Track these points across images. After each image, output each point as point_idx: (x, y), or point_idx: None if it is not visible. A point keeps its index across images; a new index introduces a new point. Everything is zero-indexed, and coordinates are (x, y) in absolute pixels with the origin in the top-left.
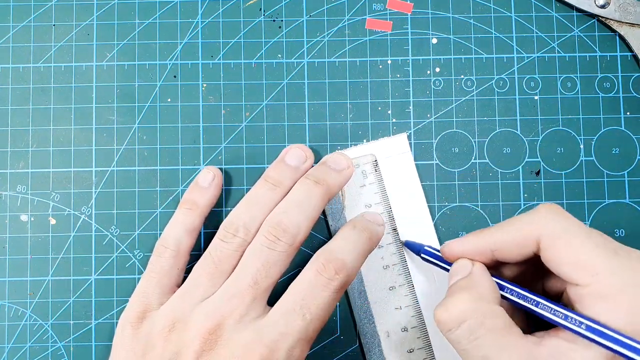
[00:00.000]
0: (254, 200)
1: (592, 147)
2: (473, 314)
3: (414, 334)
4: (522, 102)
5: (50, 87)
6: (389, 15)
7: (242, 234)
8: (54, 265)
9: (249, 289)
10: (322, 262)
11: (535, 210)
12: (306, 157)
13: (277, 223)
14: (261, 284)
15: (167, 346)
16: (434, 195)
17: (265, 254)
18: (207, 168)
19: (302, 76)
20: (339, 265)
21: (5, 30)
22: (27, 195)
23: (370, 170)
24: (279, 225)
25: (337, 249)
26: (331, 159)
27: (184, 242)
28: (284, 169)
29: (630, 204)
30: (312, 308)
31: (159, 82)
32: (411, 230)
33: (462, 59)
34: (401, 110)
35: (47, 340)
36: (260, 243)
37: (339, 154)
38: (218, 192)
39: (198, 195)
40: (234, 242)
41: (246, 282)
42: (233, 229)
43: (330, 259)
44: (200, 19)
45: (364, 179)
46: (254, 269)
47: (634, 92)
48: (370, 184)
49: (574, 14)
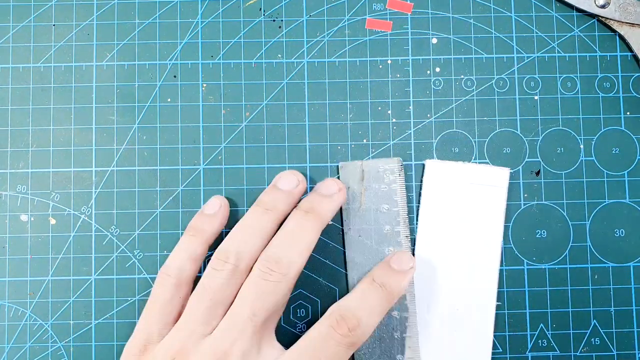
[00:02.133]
0: (246, 226)
1: (592, 147)
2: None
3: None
4: (522, 102)
5: (50, 87)
6: (389, 15)
7: (233, 260)
8: (54, 265)
9: (248, 321)
10: (337, 318)
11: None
12: (298, 181)
13: (270, 256)
14: (259, 316)
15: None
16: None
17: (260, 285)
18: (215, 197)
19: (302, 76)
20: (353, 324)
21: (5, 30)
22: (27, 195)
23: (395, 172)
24: (271, 258)
25: (353, 307)
26: (323, 185)
27: (187, 270)
28: (276, 194)
29: (630, 204)
30: (322, 359)
31: (159, 82)
32: (474, 269)
33: (462, 59)
34: (401, 110)
35: (47, 340)
36: (255, 275)
37: (330, 180)
38: (224, 221)
39: (204, 223)
40: (225, 270)
41: (245, 314)
42: (224, 257)
43: (345, 317)
44: (200, 19)
45: (387, 180)
46: (251, 300)
47: (634, 92)
48: (392, 187)
49: (574, 14)
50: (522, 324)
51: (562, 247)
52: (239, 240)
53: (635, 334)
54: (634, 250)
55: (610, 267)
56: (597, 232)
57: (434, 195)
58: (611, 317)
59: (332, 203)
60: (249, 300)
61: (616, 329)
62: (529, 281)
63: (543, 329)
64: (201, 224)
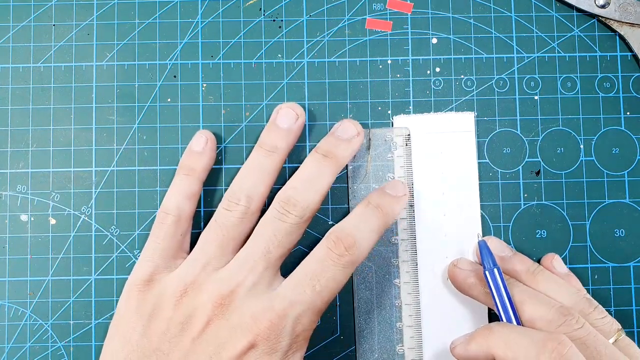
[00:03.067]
0: (253, 168)
1: (592, 147)
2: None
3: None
4: (522, 102)
5: (50, 87)
6: (389, 15)
7: (244, 202)
8: (54, 265)
9: (262, 257)
10: (333, 239)
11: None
12: (297, 115)
13: (287, 198)
14: (273, 253)
15: (178, 309)
16: None
17: (276, 225)
18: (200, 132)
19: (302, 76)
20: (349, 243)
21: (5, 30)
22: (27, 195)
23: (401, 143)
24: (289, 201)
25: (349, 227)
26: (340, 127)
27: (185, 208)
28: (277, 133)
29: (630, 204)
30: (322, 280)
31: (159, 82)
32: (457, 210)
33: (462, 59)
34: (401, 110)
35: (47, 340)
36: (272, 216)
37: (348, 122)
38: (213, 155)
39: (193, 160)
40: (237, 211)
41: (259, 251)
42: (235, 198)
43: (341, 236)
44: (200, 19)
45: (394, 150)
46: (266, 237)
47: (634, 92)
48: (398, 157)
49: (574, 14)
50: None
51: (562, 247)
52: (247, 183)
53: (635, 333)
54: (634, 250)
55: (610, 267)
56: (597, 232)
57: (411, 148)
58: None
59: (349, 147)
60: (264, 238)
61: None
62: None
63: None
64: (191, 162)
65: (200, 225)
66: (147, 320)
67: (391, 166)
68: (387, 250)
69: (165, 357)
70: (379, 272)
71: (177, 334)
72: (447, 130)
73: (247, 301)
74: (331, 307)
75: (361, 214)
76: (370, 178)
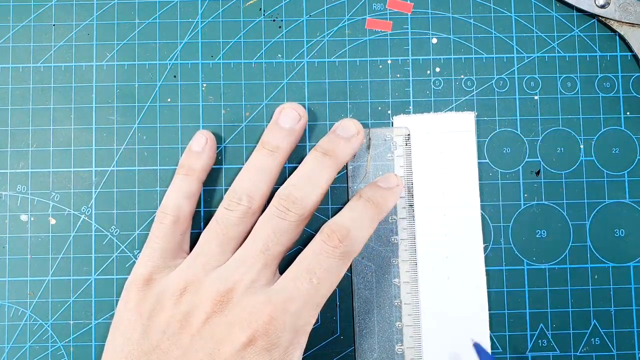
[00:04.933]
0: (254, 168)
1: (592, 147)
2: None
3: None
4: (522, 102)
5: (50, 87)
6: (389, 15)
7: (245, 201)
8: (54, 265)
9: (260, 255)
10: (327, 232)
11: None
12: (300, 116)
13: (287, 196)
14: (272, 250)
15: (177, 307)
16: None
17: (275, 222)
18: (200, 132)
19: (302, 76)
20: (342, 234)
21: (5, 30)
22: (27, 195)
23: (400, 143)
24: (288, 198)
25: (342, 219)
26: (341, 126)
27: (184, 208)
28: (279, 133)
29: (630, 204)
30: (318, 273)
31: (159, 82)
32: (457, 210)
33: (462, 59)
34: (401, 110)
35: (47, 340)
36: (271, 213)
37: (348, 120)
38: (213, 155)
39: (193, 160)
40: (238, 210)
41: (257, 248)
42: (237, 198)
43: (335, 229)
44: (200, 19)
45: (393, 150)
46: (265, 235)
47: (634, 92)
48: (398, 157)
49: (574, 14)
50: (522, 324)
51: (562, 247)
52: (249, 183)
53: (635, 334)
54: (634, 250)
55: (610, 267)
56: (597, 232)
57: (411, 148)
58: (611, 317)
59: (350, 146)
60: (263, 235)
61: (616, 329)
62: (529, 281)
63: (543, 329)
64: (191, 162)
65: (200, 225)
66: (147, 319)
67: (391, 166)
68: (387, 250)
69: (164, 354)
70: (378, 271)
71: (176, 332)
72: (447, 130)
73: (245, 298)
74: (331, 307)
75: (354, 207)
76: (370, 178)
